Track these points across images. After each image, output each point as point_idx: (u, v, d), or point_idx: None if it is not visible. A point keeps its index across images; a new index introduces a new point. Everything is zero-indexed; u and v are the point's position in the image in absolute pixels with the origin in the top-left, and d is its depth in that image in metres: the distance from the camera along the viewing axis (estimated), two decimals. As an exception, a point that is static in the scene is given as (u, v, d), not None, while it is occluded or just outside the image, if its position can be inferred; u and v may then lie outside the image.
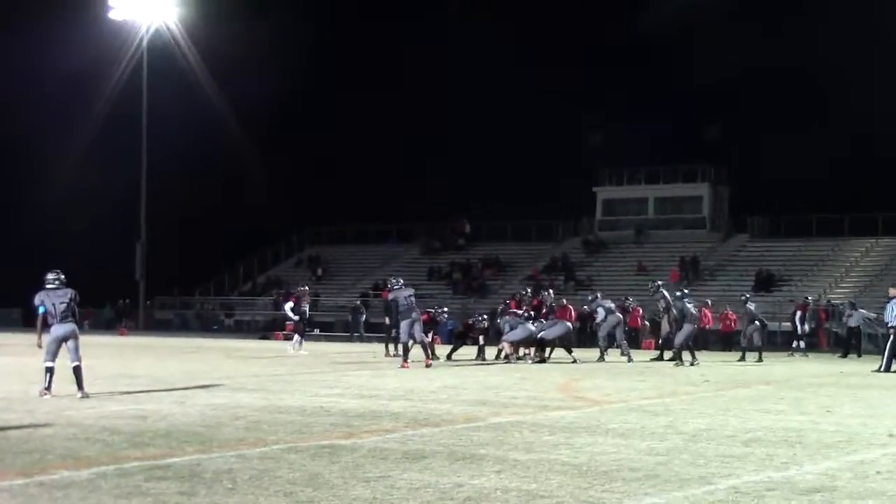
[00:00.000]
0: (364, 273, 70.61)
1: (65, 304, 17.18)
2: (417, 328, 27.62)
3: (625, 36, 74.49)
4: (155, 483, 9.22)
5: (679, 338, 31.13)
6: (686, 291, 34.70)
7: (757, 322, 36.33)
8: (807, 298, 45.24)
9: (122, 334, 55.35)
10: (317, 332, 50.60)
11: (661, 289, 34.45)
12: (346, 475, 9.71)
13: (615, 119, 70.18)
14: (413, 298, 28.13)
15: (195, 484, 9.21)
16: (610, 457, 11.06)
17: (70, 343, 17.28)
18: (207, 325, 65.58)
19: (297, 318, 36.31)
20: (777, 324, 47.28)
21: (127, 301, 68.48)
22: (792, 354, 39.88)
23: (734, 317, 45.06)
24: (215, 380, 21.71)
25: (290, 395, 18.05)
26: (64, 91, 68.58)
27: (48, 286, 17.32)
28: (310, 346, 37.58)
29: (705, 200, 66.87)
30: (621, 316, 35.20)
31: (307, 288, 40.91)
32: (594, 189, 69.78)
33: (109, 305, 67.78)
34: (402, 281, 29.73)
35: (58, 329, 17.20)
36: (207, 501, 8.53)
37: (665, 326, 35.05)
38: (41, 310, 17.22)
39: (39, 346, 17.45)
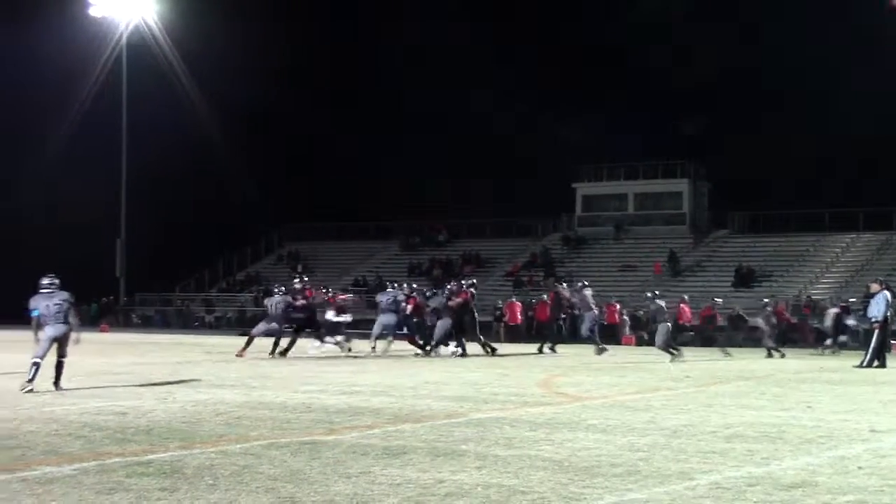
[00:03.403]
0: (344, 269, 70.56)
1: (58, 307, 17.88)
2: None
3: (603, 33, 74.69)
4: (136, 479, 9.20)
5: (658, 339, 31.24)
6: (657, 292, 34.67)
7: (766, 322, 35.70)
8: (848, 300, 44.03)
9: (103, 331, 55.14)
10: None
11: (584, 289, 36.04)
12: (327, 471, 9.70)
13: (594, 115, 70.29)
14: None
15: (176, 480, 9.19)
16: (591, 452, 11.07)
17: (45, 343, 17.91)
18: (188, 322, 65.45)
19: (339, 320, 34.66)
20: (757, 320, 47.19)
21: (110, 298, 68.31)
22: (823, 352, 39.03)
23: (715, 313, 45.10)
24: (196, 376, 21.67)
25: (271, 391, 18.03)
26: (43, 88, 68.25)
27: (42, 290, 18.05)
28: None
29: (685, 196, 66.96)
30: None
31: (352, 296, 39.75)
32: (573, 185, 69.82)
33: (96, 303, 67.70)
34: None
35: (51, 330, 17.84)
36: (189, 497, 8.52)
37: (586, 323, 35.89)
38: (35, 313, 17.90)
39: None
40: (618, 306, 46.79)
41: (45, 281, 18.22)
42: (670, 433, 12.79)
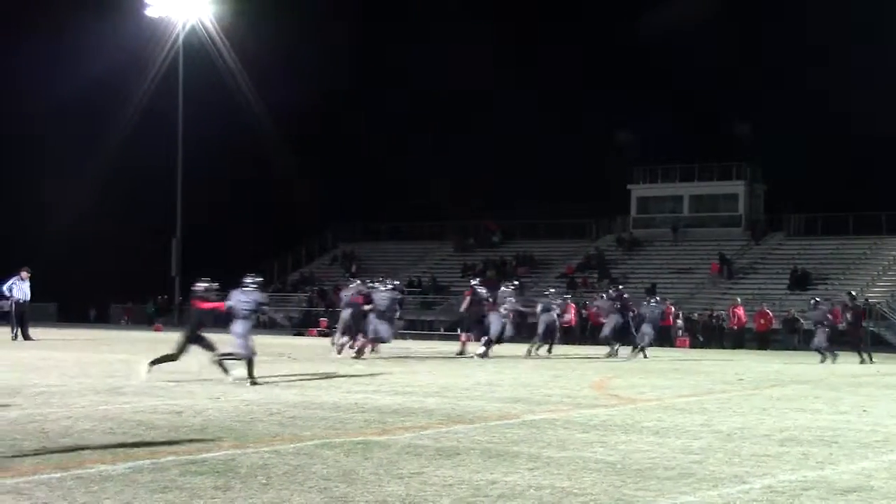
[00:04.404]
0: (398, 270, 70.58)
1: (247, 304, 19.51)
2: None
3: (659, 33, 74.40)
4: (190, 478, 9.26)
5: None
6: (658, 299, 38.07)
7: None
8: None
9: (156, 330, 55.51)
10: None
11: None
12: (380, 471, 9.72)
13: (649, 116, 69.97)
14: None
15: (230, 479, 9.24)
16: (644, 455, 11.03)
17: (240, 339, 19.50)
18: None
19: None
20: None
21: (165, 297, 68.81)
22: None
23: (770, 315, 44.79)
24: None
25: (324, 391, 18.09)
26: (100, 88, 68.87)
27: (243, 287, 19.80)
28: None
29: (741, 198, 66.51)
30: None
31: None
32: (629, 187, 69.51)
33: (152, 302, 68.26)
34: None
35: (237, 325, 19.55)
36: (242, 496, 8.56)
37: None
38: (229, 304, 19.72)
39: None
40: (672, 308, 46.53)
41: (248, 279, 19.82)
42: (724, 436, 12.73)
